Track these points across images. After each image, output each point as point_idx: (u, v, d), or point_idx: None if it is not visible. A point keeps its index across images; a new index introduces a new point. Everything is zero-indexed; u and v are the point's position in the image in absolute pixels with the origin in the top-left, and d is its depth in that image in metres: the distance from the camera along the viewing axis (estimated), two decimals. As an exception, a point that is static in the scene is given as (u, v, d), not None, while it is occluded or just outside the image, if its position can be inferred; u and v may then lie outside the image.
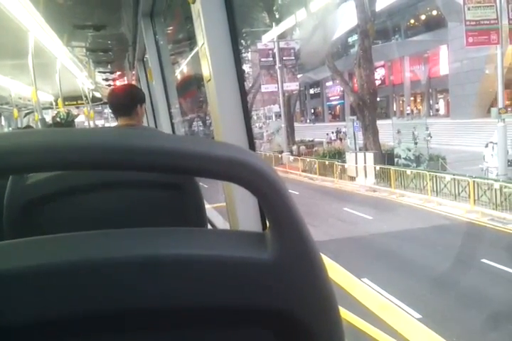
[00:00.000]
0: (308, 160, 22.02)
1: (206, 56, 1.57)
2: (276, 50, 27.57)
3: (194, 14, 1.63)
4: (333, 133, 31.16)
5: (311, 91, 47.24)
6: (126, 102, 2.48)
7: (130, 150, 0.40)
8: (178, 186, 1.13)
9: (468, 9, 15.67)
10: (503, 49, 15.62)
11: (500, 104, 14.91)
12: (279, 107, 29.30)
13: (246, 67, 40.43)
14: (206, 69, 1.61)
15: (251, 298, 0.44)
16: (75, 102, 10.61)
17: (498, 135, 14.51)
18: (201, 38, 1.59)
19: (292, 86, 28.76)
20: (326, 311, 0.47)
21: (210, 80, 1.59)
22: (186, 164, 0.42)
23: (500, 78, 14.83)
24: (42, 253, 0.42)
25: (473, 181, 12.66)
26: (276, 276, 0.44)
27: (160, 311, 0.43)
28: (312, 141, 30.05)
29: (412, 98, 36.23)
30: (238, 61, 1.60)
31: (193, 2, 1.61)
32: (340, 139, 28.99)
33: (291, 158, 24.24)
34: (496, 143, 14.59)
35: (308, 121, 45.78)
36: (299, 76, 33.16)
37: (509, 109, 16.85)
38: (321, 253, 0.50)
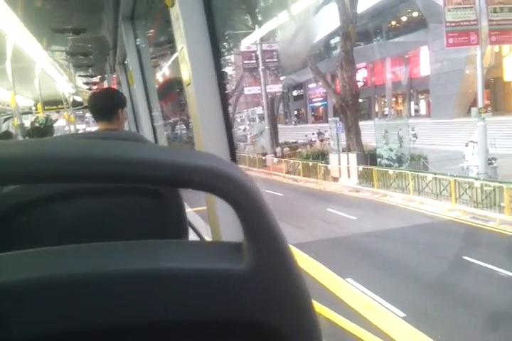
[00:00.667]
0: (292, 161, 22.07)
1: (186, 60, 1.57)
2: (259, 53, 27.61)
3: (173, 18, 1.62)
4: (313, 134, 31.39)
5: (294, 93, 47.43)
6: (106, 106, 2.47)
7: (101, 162, 0.40)
8: (159, 193, 1.10)
9: (449, 10, 15.88)
10: (483, 50, 15.87)
11: (480, 104, 15.14)
12: (263, 109, 29.32)
13: (229, 70, 40.43)
14: (186, 74, 1.60)
15: (229, 310, 0.44)
16: (55, 107, 10.43)
17: (478, 134, 14.72)
18: (180, 41, 1.58)
19: (275, 88, 28.85)
20: (304, 320, 0.47)
21: (189, 84, 1.58)
22: (163, 174, 0.41)
23: (480, 78, 15.05)
24: (31, 267, 0.41)
25: (455, 180, 12.84)
26: (253, 287, 0.44)
27: (138, 326, 0.42)
28: (296, 142, 30.18)
29: (393, 99, 36.61)
30: (218, 65, 1.59)
31: (172, 5, 1.60)
32: (322, 140, 29.33)
33: (275, 159, 24.27)
34: (476, 142, 14.80)
35: (293, 122, 45.89)
36: (282, 78, 33.26)
37: (489, 109, 17.14)
38: (305, 254, 0.49)
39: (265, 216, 0.44)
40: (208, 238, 2.50)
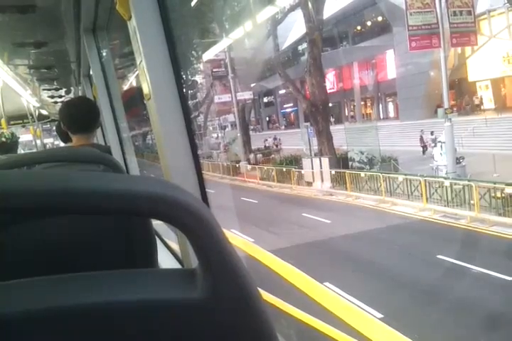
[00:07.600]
0: (265, 168, 22.11)
1: (145, 74, 1.56)
2: (228, 60, 27.68)
3: (131, 31, 1.61)
4: (268, 139, 31.93)
5: (265, 99, 47.68)
6: (89, 117, 2.18)
7: (29, 194, 0.37)
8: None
9: (410, 15, 16.29)
10: (446, 52, 16.30)
11: (445, 105, 15.52)
12: (234, 117, 29.35)
13: (199, 78, 40.38)
14: (146, 88, 1.59)
15: (182, 339, 0.43)
16: (20, 121, 10.18)
17: (446, 134, 15.07)
18: (139, 55, 1.57)
19: (245, 95, 28.93)
20: None
21: (150, 99, 1.57)
22: (107, 204, 0.39)
23: (444, 80, 15.43)
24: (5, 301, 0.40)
25: (425, 180, 13.09)
26: (208, 315, 0.43)
27: None
28: (268, 148, 30.34)
29: (362, 102, 37.20)
30: (179, 79, 1.58)
31: (129, 19, 1.59)
32: (276, 145, 30.23)
33: (249, 166, 24.28)
34: (444, 142, 15.15)
35: (279, 128, 45.86)
36: (252, 85, 33.39)
37: (454, 109, 17.57)
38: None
39: (219, 244, 0.43)
40: (176, 247, 2.46)
